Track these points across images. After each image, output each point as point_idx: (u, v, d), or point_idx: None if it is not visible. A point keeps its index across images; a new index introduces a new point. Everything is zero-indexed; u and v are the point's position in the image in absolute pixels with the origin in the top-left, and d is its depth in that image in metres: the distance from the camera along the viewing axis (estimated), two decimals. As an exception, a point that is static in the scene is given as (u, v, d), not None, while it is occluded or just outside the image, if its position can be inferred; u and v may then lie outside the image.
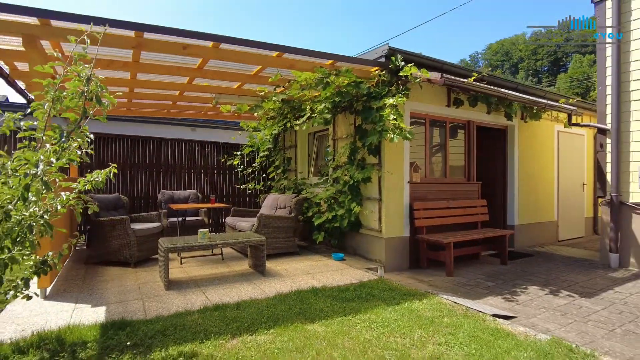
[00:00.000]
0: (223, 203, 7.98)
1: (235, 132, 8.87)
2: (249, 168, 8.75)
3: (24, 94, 5.66)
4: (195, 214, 7.03)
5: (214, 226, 8.25)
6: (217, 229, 8.35)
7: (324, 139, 7.06)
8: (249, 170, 8.73)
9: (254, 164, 8.71)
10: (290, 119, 6.80)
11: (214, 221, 8.25)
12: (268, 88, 5.90)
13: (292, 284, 4.20)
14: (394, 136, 4.47)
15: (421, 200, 5.55)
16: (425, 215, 5.40)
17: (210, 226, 7.82)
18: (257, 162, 8.63)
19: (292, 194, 6.91)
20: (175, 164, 8.10)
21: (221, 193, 8.59)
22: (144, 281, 4.30)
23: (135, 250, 5.00)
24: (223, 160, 8.56)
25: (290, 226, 5.85)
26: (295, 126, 6.01)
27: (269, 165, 8.53)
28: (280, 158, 8.11)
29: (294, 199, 6.09)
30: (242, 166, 8.72)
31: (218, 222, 8.37)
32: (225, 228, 6.71)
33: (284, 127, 7.17)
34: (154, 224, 5.62)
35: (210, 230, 6.82)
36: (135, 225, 5.28)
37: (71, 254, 5.67)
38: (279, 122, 7.21)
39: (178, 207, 5.82)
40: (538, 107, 6.39)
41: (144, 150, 7.76)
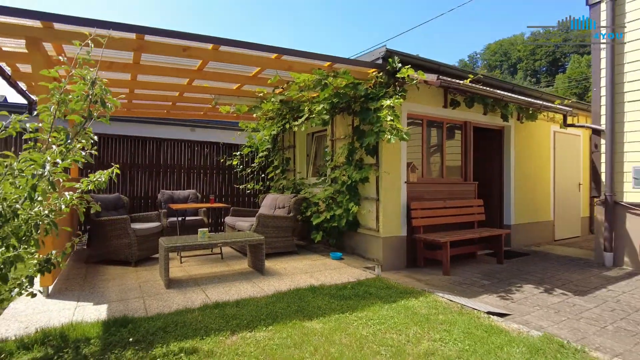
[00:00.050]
0: (222, 203, 8.04)
1: (234, 133, 8.93)
2: (248, 168, 8.82)
3: (25, 94, 5.72)
4: (195, 213, 7.09)
5: (213, 226, 8.31)
6: (217, 229, 8.41)
7: (323, 139, 7.12)
8: (248, 171, 8.80)
9: (253, 164, 8.77)
10: (289, 120, 6.86)
11: (214, 221, 8.31)
12: (267, 89, 5.97)
13: (291, 283, 4.26)
14: (391, 137, 4.53)
15: (418, 200, 5.61)
16: (422, 215, 5.47)
17: (209, 226, 7.87)
18: (256, 162, 8.70)
19: (291, 193, 6.97)
20: (175, 164, 8.16)
21: (220, 193, 8.65)
22: (145, 280, 4.36)
23: (136, 249, 5.06)
24: (222, 160, 8.62)
25: (288, 226, 5.91)
26: (293, 127, 6.07)
27: (267, 166, 8.59)
28: (279, 158, 8.17)
29: (293, 198, 6.15)
30: (241, 166, 8.77)
31: (217, 222, 8.42)
32: (225, 228, 6.77)
33: (282, 128, 7.23)
34: (154, 223, 5.68)
35: (209, 230, 6.89)
36: (135, 225, 5.33)
37: (72, 253, 5.72)
38: (278, 123, 7.26)
39: (178, 207, 5.88)
40: (534, 108, 6.46)
41: (143, 150, 7.82)
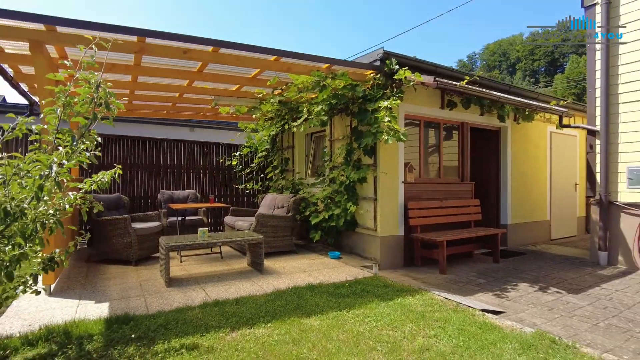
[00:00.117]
0: (222, 203, 8.11)
1: (233, 133, 8.99)
2: (247, 168, 8.88)
3: (26, 96, 5.78)
4: (195, 213, 7.15)
5: (213, 225, 8.36)
6: (216, 228, 8.47)
7: (321, 140, 7.19)
8: (247, 171, 8.86)
9: (252, 165, 8.83)
10: (288, 121, 6.93)
11: (213, 220, 8.37)
12: (266, 90, 6.03)
13: (290, 281, 4.32)
14: (389, 138, 4.60)
15: (415, 199, 5.68)
16: (419, 215, 5.54)
17: (209, 225, 7.93)
18: (256, 163, 8.76)
19: (290, 193, 7.04)
20: (175, 164, 8.22)
21: (220, 193, 8.71)
22: (145, 279, 4.42)
23: (136, 248, 5.12)
24: (222, 160, 8.68)
25: (287, 225, 5.98)
26: (292, 127, 6.14)
27: (267, 166, 8.66)
28: (278, 158, 8.23)
29: (292, 198, 6.22)
30: (241, 166, 8.84)
31: (217, 222, 8.48)
32: (224, 227, 6.83)
33: (281, 128, 7.29)
34: (154, 223, 5.74)
35: (209, 229, 6.94)
36: (135, 225, 5.40)
37: (73, 252, 5.78)
38: (277, 124, 7.33)
39: (178, 207, 5.94)
40: (530, 109, 6.53)
41: (143, 150, 7.87)
